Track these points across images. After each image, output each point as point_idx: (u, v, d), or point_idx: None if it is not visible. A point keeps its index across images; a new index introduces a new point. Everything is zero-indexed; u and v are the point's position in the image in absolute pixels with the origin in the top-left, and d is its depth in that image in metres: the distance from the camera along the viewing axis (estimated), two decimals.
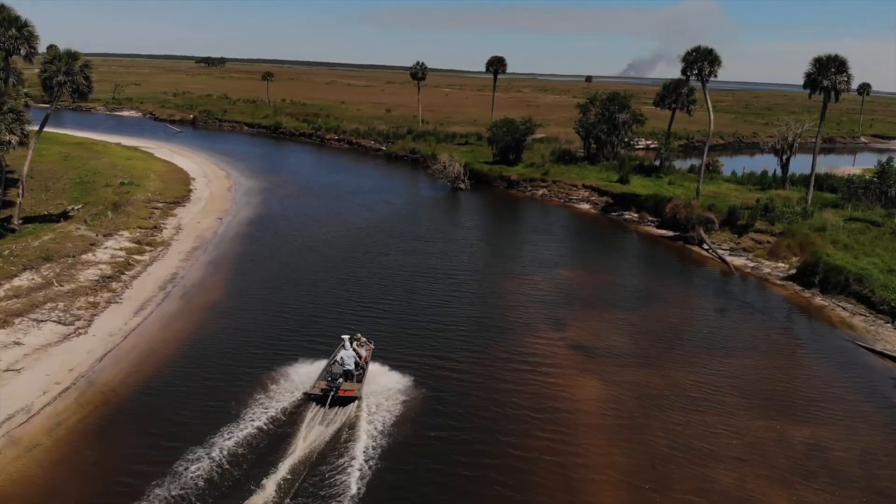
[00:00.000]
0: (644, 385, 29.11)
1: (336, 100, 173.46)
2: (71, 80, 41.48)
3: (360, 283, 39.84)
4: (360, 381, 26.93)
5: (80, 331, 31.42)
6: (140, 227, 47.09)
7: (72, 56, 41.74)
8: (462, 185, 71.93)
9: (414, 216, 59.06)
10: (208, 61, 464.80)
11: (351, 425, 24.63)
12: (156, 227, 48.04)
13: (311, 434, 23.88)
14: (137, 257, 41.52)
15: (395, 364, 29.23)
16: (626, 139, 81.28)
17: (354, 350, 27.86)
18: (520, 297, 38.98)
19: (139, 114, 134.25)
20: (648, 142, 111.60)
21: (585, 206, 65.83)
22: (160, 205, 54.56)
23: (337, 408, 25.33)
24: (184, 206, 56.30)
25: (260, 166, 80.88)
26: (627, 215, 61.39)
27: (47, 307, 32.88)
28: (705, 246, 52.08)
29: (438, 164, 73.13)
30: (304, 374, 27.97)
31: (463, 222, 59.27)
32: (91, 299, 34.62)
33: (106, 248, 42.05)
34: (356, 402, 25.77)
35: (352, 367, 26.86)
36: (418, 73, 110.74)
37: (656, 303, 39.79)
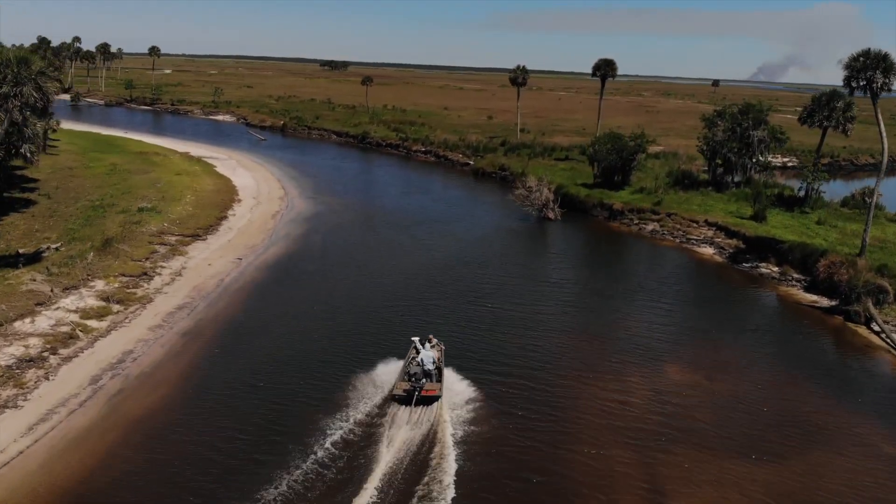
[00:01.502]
0: None
1: (439, 105, 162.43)
2: (19, 93, 31.27)
3: (371, 380, 27.29)
4: (438, 380, 26.42)
5: None
6: (123, 275, 36.67)
7: (23, 61, 31.51)
8: (551, 215, 58.16)
9: (482, 260, 45.99)
10: (332, 64, 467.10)
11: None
12: (145, 274, 37.49)
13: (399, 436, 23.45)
14: (93, 324, 30.88)
15: None
16: (764, 161, 64.78)
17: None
18: (601, 426, 25.12)
19: (233, 118, 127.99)
20: (785, 159, 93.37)
21: (708, 251, 50.48)
22: (173, 239, 44.28)
23: (422, 407, 25.15)
24: (205, 239, 45.82)
25: (327, 183, 70.24)
26: (764, 268, 45.62)
27: None
28: (875, 327, 36.25)
29: (522, 188, 59.60)
30: None
31: (543, 271, 45.59)
32: None
33: (57, 308, 31.68)
34: (438, 400, 25.53)
35: (431, 367, 26.58)
36: (518, 78, 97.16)
37: (811, 441, 25.02)
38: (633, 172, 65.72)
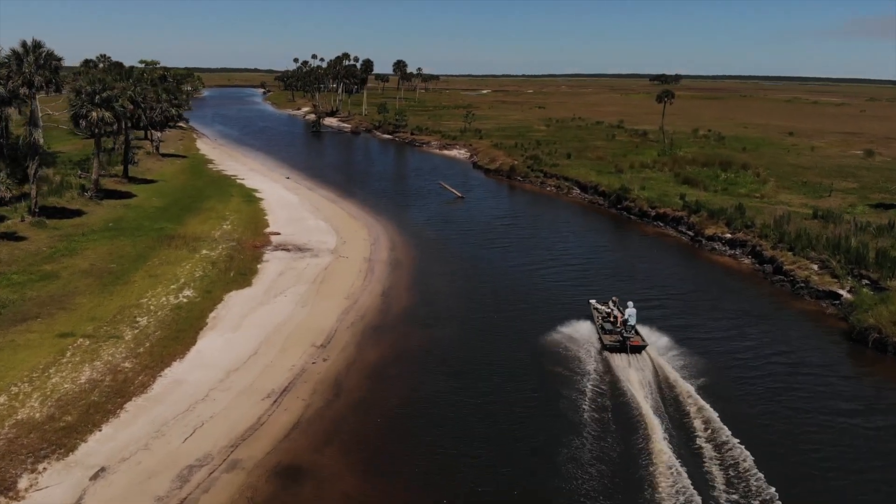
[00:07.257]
0: None
1: (781, 128, 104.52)
2: None
3: None
4: (637, 333, 26.71)
5: None
6: None
7: None
8: None
9: None
10: (662, 79, 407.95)
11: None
12: None
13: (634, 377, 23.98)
14: None
15: None
16: None
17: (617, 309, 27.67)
18: None
19: (467, 154, 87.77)
20: None
21: None
22: None
23: (635, 354, 25.48)
24: None
25: (434, 355, 25.83)
26: None
27: None
28: None
29: None
30: None
31: None
32: None
33: None
34: (645, 348, 25.97)
35: (634, 322, 26.74)
36: None
37: None
38: None
